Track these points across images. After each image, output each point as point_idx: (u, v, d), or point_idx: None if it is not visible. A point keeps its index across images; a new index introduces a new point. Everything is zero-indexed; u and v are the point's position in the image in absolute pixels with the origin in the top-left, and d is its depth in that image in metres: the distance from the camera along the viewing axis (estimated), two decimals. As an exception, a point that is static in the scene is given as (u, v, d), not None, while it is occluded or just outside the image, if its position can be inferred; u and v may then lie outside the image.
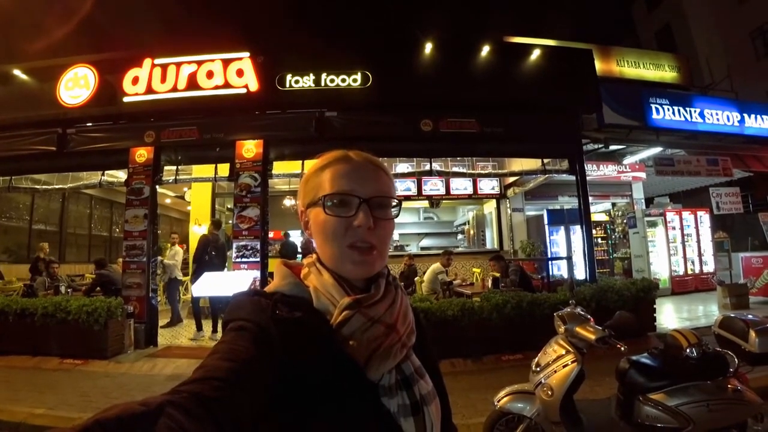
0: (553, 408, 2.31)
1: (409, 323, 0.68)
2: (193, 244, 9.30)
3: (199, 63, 6.29)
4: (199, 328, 6.54)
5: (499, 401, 2.56)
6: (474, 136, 6.58)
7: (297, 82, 6.35)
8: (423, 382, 0.67)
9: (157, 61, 6.35)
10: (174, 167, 6.83)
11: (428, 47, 6.55)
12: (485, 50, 6.70)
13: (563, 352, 2.43)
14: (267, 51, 6.49)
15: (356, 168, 0.68)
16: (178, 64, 6.30)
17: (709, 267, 9.66)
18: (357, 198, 0.65)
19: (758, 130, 9.07)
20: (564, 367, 2.35)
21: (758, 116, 9.15)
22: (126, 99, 6.32)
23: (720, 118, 8.56)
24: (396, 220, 0.71)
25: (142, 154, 6.36)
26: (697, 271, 9.59)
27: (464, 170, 9.64)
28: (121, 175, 7.67)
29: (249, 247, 6.11)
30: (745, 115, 8.90)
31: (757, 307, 6.96)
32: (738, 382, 2.32)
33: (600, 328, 2.31)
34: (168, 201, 13.45)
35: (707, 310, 7.28)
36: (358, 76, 6.37)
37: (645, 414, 2.28)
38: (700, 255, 9.69)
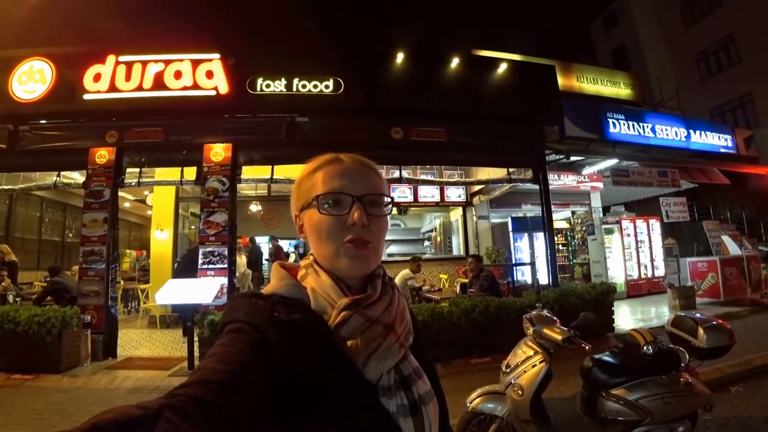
0: (524, 407, 2.40)
1: (406, 323, 0.68)
2: (155, 250, 8.97)
3: (167, 62, 6.10)
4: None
5: (471, 402, 2.64)
6: (443, 145, 6.73)
7: (268, 86, 6.29)
8: (421, 382, 0.67)
9: (122, 58, 6.09)
10: (137, 169, 6.55)
11: (400, 56, 6.66)
12: (454, 62, 6.90)
13: (532, 353, 2.53)
14: (238, 53, 6.38)
15: (347, 168, 0.70)
16: (144, 63, 6.07)
17: (660, 271, 10.30)
18: (350, 196, 0.66)
19: (702, 146, 9.84)
20: (533, 367, 2.46)
21: (702, 132, 9.93)
22: (86, 96, 6.01)
23: (669, 133, 9.22)
24: None
25: (102, 155, 6.07)
26: (649, 275, 10.19)
27: (432, 178, 9.82)
28: (77, 176, 7.28)
29: (216, 254, 5.95)
30: (691, 132, 9.64)
31: (703, 307, 7.49)
32: (689, 375, 2.50)
33: (566, 329, 2.43)
34: (127, 205, 12.83)
35: (659, 311, 7.75)
36: (330, 83, 6.38)
37: (608, 409, 2.41)
38: (652, 260, 10.30)
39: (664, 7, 19.48)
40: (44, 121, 6.24)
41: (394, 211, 12.00)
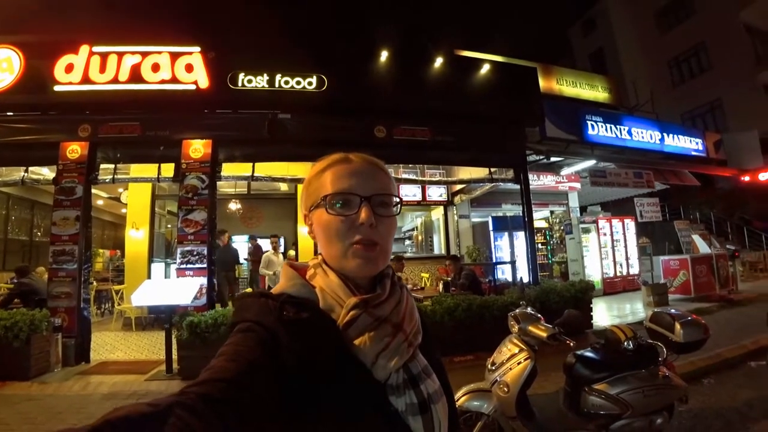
0: (509, 404, 2.42)
1: (415, 322, 0.69)
2: (129, 248, 8.70)
3: (144, 54, 5.89)
4: None
5: (457, 400, 2.64)
6: (426, 144, 6.77)
7: (250, 81, 6.17)
8: (430, 380, 0.68)
9: (96, 48, 5.84)
10: (111, 165, 6.32)
11: (384, 55, 6.65)
12: (438, 61, 6.94)
13: (517, 350, 2.55)
14: (219, 47, 6.21)
15: (356, 168, 0.69)
16: (120, 54, 5.84)
17: (635, 269, 10.61)
18: (358, 196, 0.66)
19: (675, 148, 10.21)
20: (518, 364, 2.48)
21: (675, 136, 10.30)
22: (57, 88, 5.73)
23: (644, 136, 9.53)
24: None
25: (74, 150, 5.82)
26: (624, 273, 10.48)
27: (414, 177, 9.85)
28: (47, 172, 6.98)
29: (195, 253, 5.80)
30: (665, 135, 9.99)
31: (676, 303, 7.74)
32: (666, 369, 2.58)
33: (550, 326, 2.46)
34: (100, 202, 12.40)
35: (634, 308, 7.98)
36: (314, 79, 6.31)
37: (590, 403, 2.46)
38: (627, 258, 10.61)
39: (641, 13, 20.11)
40: (11, 113, 5.93)
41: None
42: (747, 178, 12.06)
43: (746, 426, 3.16)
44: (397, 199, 0.70)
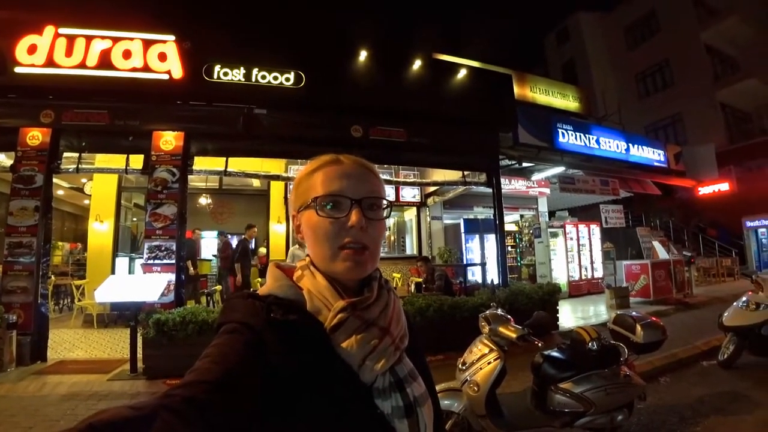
0: (479, 402, 2.48)
1: (402, 326, 0.69)
2: (93, 241, 8.33)
3: (115, 40, 5.64)
4: None
5: (428, 399, 2.68)
6: (401, 145, 6.81)
7: (226, 74, 6.02)
8: (416, 384, 0.67)
9: (62, 30, 5.53)
10: (75, 154, 6.01)
11: (363, 55, 6.64)
12: (416, 64, 7.00)
13: (487, 350, 2.62)
14: (195, 37, 6.02)
15: (347, 170, 0.68)
16: (89, 38, 5.57)
17: (599, 273, 11.04)
18: (349, 199, 0.65)
19: (639, 158, 10.72)
20: (488, 364, 2.54)
21: (640, 146, 10.82)
22: (18, 69, 5.40)
23: (611, 145, 9.95)
24: None
25: (35, 136, 5.49)
26: (589, 276, 10.89)
27: (389, 177, 9.90)
28: (3, 158, 6.58)
29: (163, 248, 5.61)
30: (630, 145, 10.47)
31: (636, 306, 8.13)
32: (627, 368, 2.72)
33: (520, 327, 2.54)
34: (61, 192, 11.80)
35: (597, 310, 8.31)
36: (291, 75, 6.24)
37: (556, 401, 2.56)
38: (591, 262, 11.02)
39: (612, 29, 21.07)
40: (-35, 95, 5.57)
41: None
42: (703, 189, 12.82)
43: (697, 421, 3.36)
44: (387, 202, 0.70)
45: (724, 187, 12.97)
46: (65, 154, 5.86)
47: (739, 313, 4.58)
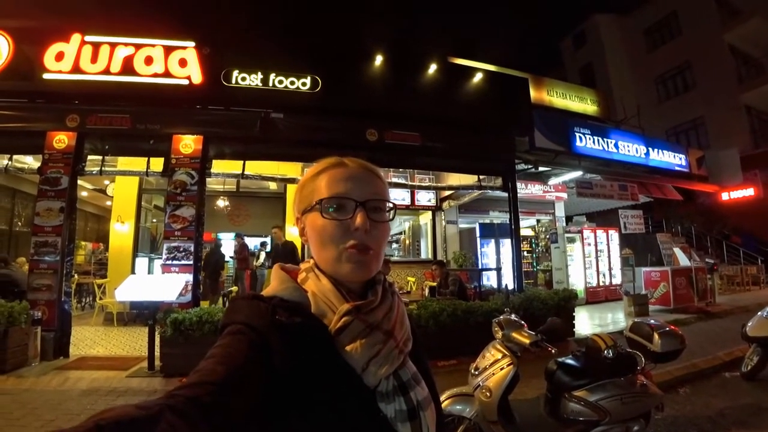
0: (491, 408, 2.45)
1: (405, 330, 0.69)
2: (114, 242, 8.57)
3: (138, 47, 5.84)
4: None
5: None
6: (416, 149, 6.82)
7: (244, 79, 6.16)
8: (419, 388, 0.68)
9: (88, 38, 5.77)
10: (99, 157, 6.23)
11: (378, 59, 6.70)
12: (432, 68, 7.01)
13: (500, 356, 2.59)
14: (214, 43, 6.19)
15: (351, 173, 0.69)
16: (113, 45, 5.78)
17: (617, 279, 10.81)
18: (353, 201, 0.66)
19: (659, 163, 10.46)
20: (501, 369, 2.52)
21: (660, 151, 10.56)
22: (46, 76, 5.65)
23: (630, 150, 9.75)
24: None
25: (61, 140, 5.71)
26: (607, 283, 10.67)
27: (404, 181, 9.91)
28: (31, 160, 6.84)
29: (182, 249, 5.74)
30: (650, 149, 10.24)
31: (656, 314, 7.91)
32: (644, 377, 2.65)
33: (533, 333, 2.51)
34: (85, 194, 12.20)
35: (615, 318, 8.13)
36: (308, 80, 6.33)
37: (570, 410, 2.51)
38: (609, 269, 10.81)
39: (630, 31, 20.65)
40: (-3, 100, 5.82)
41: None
42: (727, 195, 12.44)
43: (718, 434, 3.26)
44: (391, 205, 0.70)
45: (749, 192, 12.57)
46: (89, 157, 6.08)
47: (764, 323, 4.41)
